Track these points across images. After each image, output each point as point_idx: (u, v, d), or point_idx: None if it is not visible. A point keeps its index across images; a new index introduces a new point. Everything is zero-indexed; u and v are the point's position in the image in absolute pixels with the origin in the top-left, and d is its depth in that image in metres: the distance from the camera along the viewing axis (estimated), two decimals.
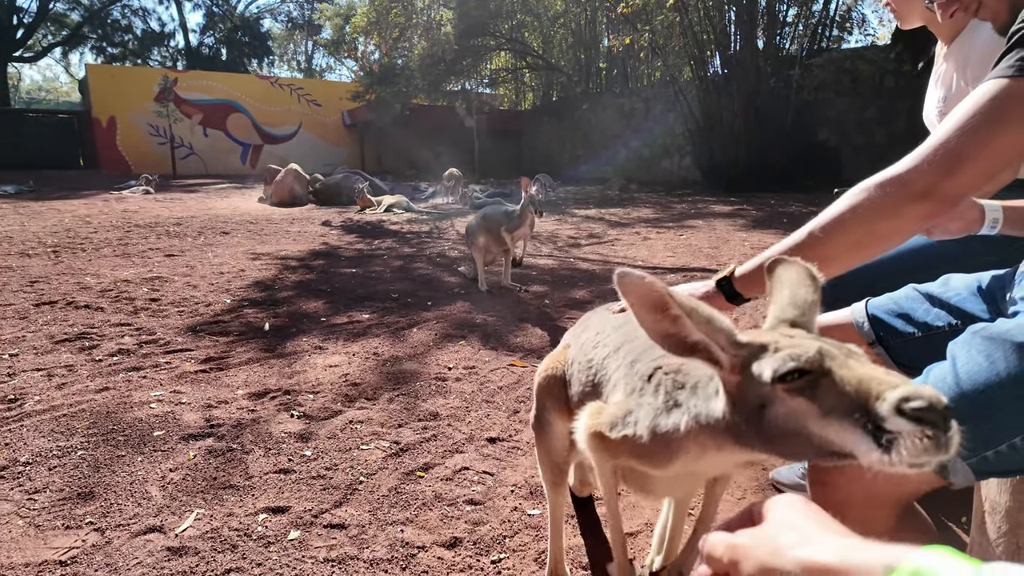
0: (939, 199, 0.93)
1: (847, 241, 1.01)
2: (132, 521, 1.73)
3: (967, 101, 0.93)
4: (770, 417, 0.68)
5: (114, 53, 32.77)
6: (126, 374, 2.84)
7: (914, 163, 0.94)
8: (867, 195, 0.98)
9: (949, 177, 0.91)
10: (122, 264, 5.49)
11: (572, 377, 1.27)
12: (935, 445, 0.58)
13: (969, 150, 0.90)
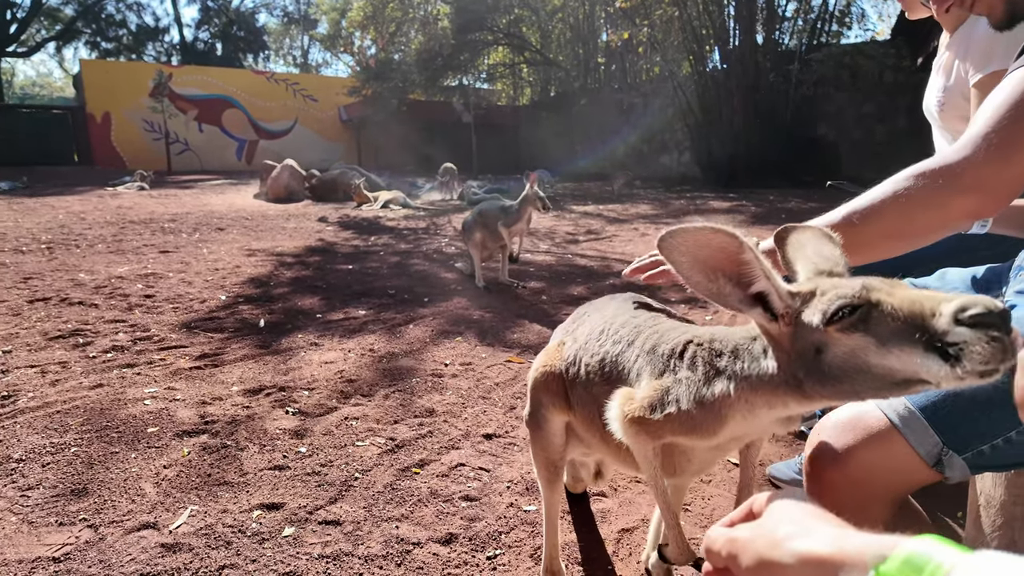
0: (992, 192, 0.89)
1: (884, 229, 0.97)
2: (126, 518, 1.72)
3: (1006, 88, 0.89)
4: (828, 360, 0.69)
5: (108, 48, 32.59)
6: (120, 371, 2.83)
7: (965, 153, 0.89)
8: (911, 184, 0.93)
9: (1004, 168, 0.86)
10: (117, 260, 5.46)
11: (576, 373, 1.24)
12: (1002, 348, 0.57)
13: (1017, 143, 0.86)
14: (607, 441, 1.12)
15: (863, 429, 0.93)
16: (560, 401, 1.29)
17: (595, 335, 1.23)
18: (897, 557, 0.40)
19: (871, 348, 0.65)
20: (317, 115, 25.80)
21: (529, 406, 1.37)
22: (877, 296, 0.65)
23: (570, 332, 1.35)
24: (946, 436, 0.88)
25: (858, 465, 0.92)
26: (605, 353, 1.17)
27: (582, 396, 1.23)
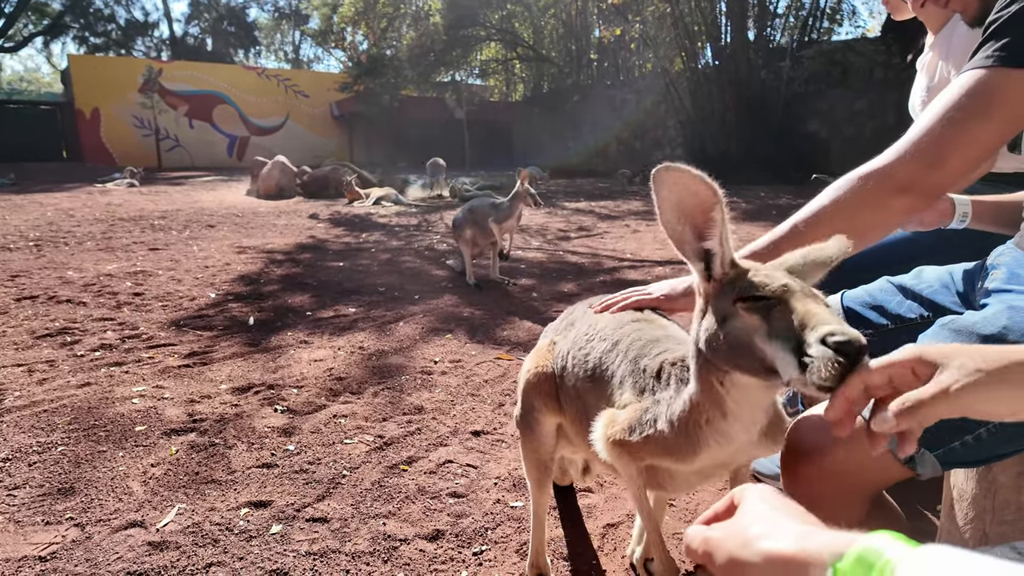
0: (923, 192, 0.93)
1: (828, 233, 0.98)
2: (113, 516, 1.72)
3: (947, 92, 0.93)
4: (727, 329, 0.79)
5: (97, 43, 32.30)
6: (108, 369, 2.82)
7: (897, 155, 0.93)
8: (850, 187, 0.97)
9: (933, 170, 0.91)
10: (105, 258, 5.43)
11: (564, 372, 1.25)
12: (840, 374, 0.66)
13: (952, 142, 0.90)
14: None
15: None
16: (552, 403, 1.29)
17: (583, 333, 1.25)
18: (851, 554, 0.42)
19: (759, 332, 0.75)
20: (308, 111, 25.69)
21: (520, 408, 1.36)
22: (787, 297, 0.75)
23: (561, 332, 1.36)
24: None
25: (832, 461, 0.94)
26: (591, 350, 1.19)
27: (570, 394, 1.24)
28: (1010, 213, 1.36)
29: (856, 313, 1.39)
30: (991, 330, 0.92)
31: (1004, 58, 0.88)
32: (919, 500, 1.70)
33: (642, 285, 1.32)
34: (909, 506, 1.71)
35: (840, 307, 1.41)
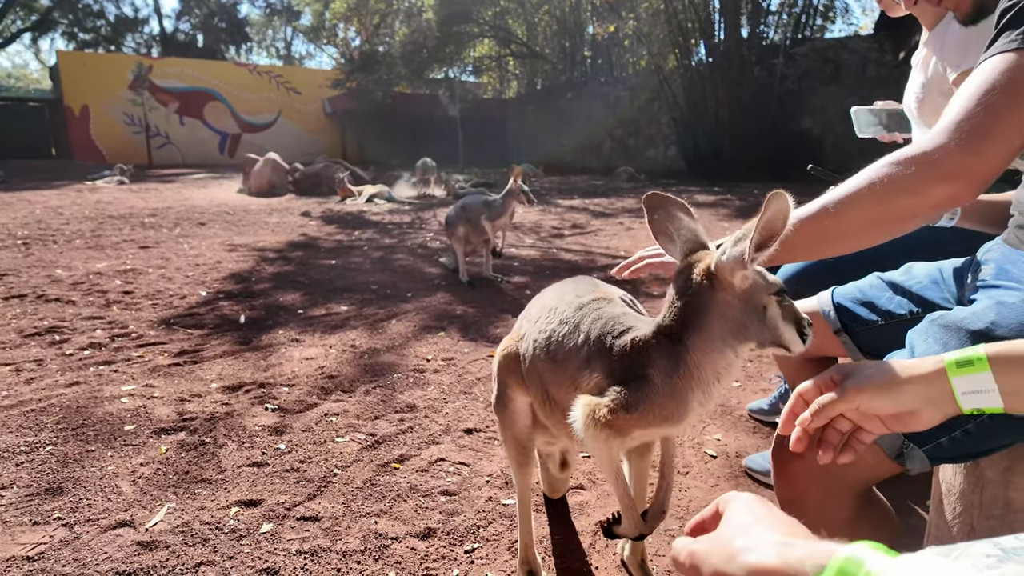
0: (967, 179, 0.89)
1: (859, 218, 0.97)
2: (101, 516, 1.71)
3: (978, 76, 0.90)
4: (769, 314, 0.98)
5: (86, 39, 31.96)
6: (97, 368, 2.79)
7: (940, 141, 0.89)
8: (887, 171, 0.93)
9: (978, 156, 0.87)
10: (95, 256, 5.38)
11: (527, 353, 1.28)
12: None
13: (995, 127, 0.86)
14: (561, 422, 1.18)
15: None
16: (521, 381, 1.32)
17: (544, 314, 1.28)
18: (833, 565, 0.43)
19: (780, 316, 0.99)
20: (301, 108, 25.54)
21: (495, 388, 1.40)
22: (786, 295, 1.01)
23: (524, 315, 1.40)
24: None
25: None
26: (552, 332, 1.22)
27: (532, 375, 1.27)
28: (998, 212, 1.36)
29: (847, 309, 1.39)
30: (979, 325, 0.93)
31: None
32: (910, 496, 1.71)
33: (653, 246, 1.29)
34: (900, 502, 1.72)
35: (831, 303, 1.42)
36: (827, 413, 0.77)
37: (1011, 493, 1.01)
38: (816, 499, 0.96)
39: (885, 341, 1.28)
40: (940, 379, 0.72)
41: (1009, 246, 1.07)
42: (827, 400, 0.77)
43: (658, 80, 15.94)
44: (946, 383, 0.71)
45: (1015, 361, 0.68)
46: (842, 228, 0.98)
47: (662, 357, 1.03)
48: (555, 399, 1.23)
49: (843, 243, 1.02)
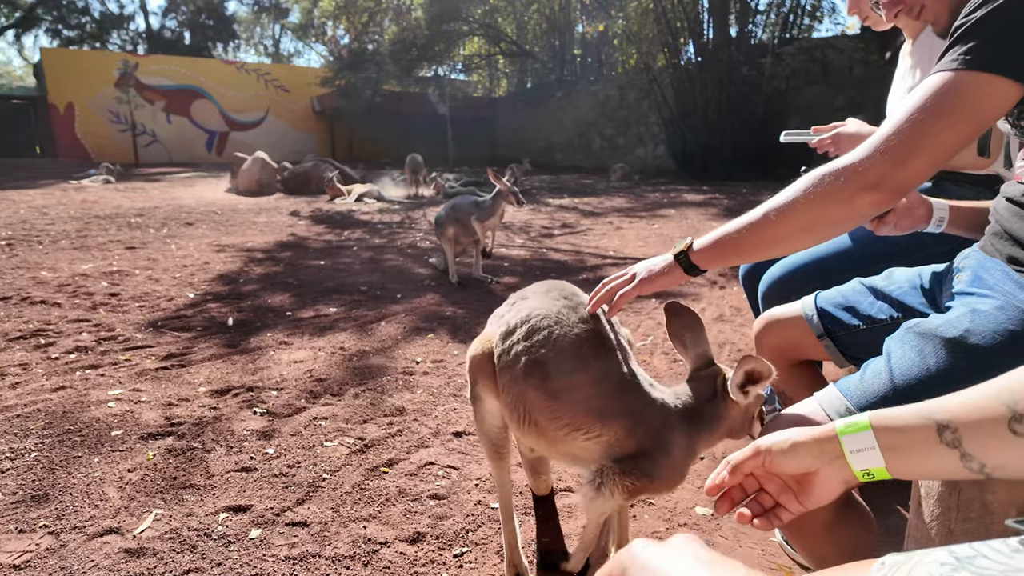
0: (889, 189, 0.95)
1: (797, 224, 1.04)
2: (88, 523, 1.70)
3: (915, 92, 0.95)
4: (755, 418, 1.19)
5: (71, 36, 31.57)
6: (83, 372, 2.77)
7: (867, 153, 0.96)
8: (821, 181, 1.00)
9: (900, 168, 0.93)
10: (81, 257, 5.33)
11: (506, 362, 1.29)
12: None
13: (918, 142, 0.92)
14: (534, 434, 1.28)
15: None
16: (494, 386, 1.34)
17: (533, 330, 1.27)
18: None
19: (757, 416, 1.20)
20: (289, 106, 25.40)
21: (469, 384, 1.41)
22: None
23: (502, 316, 1.40)
24: None
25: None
26: (548, 360, 1.23)
27: (509, 386, 1.29)
28: (983, 219, 1.39)
29: (829, 314, 1.41)
30: (953, 333, 0.95)
31: (969, 61, 0.91)
32: (893, 498, 1.74)
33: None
34: (881, 503, 1.75)
35: (814, 308, 1.44)
36: (739, 470, 0.82)
37: (987, 496, 1.03)
38: None
39: (866, 345, 1.31)
40: (832, 439, 0.77)
41: (985, 254, 1.10)
42: (738, 458, 0.83)
43: (647, 79, 16.00)
44: (836, 442, 0.77)
45: (895, 424, 0.74)
46: (782, 233, 1.05)
47: (683, 437, 1.19)
48: (536, 421, 1.26)
49: (783, 246, 1.08)
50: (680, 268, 1.18)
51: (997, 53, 0.89)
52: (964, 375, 0.91)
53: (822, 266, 1.79)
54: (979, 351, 0.91)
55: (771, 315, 1.53)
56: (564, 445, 1.26)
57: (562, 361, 1.22)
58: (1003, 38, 0.89)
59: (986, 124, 0.93)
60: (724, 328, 3.48)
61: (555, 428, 1.23)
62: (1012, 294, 0.96)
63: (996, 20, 0.90)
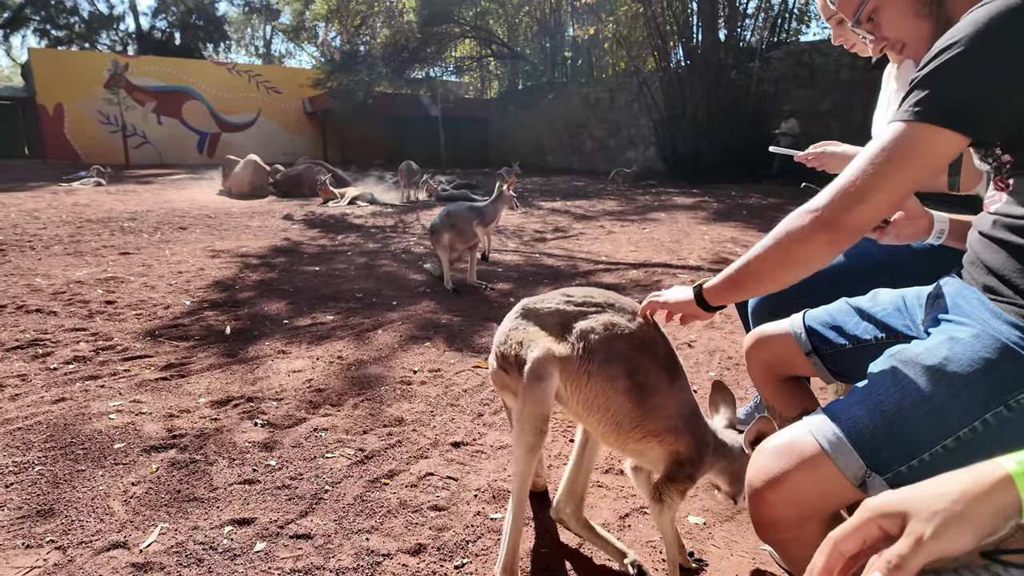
0: (843, 229, 1.04)
1: (773, 260, 1.13)
2: (95, 538, 1.73)
3: (876, 139, 1.03)
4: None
5: (59, 36, 31.29)
6: (83, 383, 2.79)
7: (826, 196, 1.05)
8: (790, 221, 1.09)
9: (851, 211, 1.02)
10: (74, 263, 5.33)
11: (590, 369, 1.43)
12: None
13: (870, 187, 1.00)
14: (610, 429, 1.47)
15: (797, 454, 1.02)
16: (569, 375, 1.45)
17: (624, 344, 1.45)
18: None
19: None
20: (281, 107, 25.33)
21: (531, 361, 1.42)
22: None
23: (578, 314, 1.49)
24: (869, 459, 0.98)
25: (792, 487, 1.01)
26: (644, 378, 1.45)
27: (595, 386, 1.44)
28: None
29: (817, 332, 1.47)
30: (933, 361, 1.00)
31: (919, 113, 0.97)
32: None
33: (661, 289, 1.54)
34: None
35: (802, 326, 1.49)
36: (909, 572, 0.60)
37: None
38: (789, 523, 1.03)
39: (852, 364, 1.36)
40: (1006, 488, 0.60)
41: (963, 281, 1.15)
42: (901, 555, 0.60)
43: (637, 82, 16.10)
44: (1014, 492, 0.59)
45: None
46: (764, 268, 1.15)
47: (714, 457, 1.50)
48: (619, 423, 1.46)
49: (768, 281, 1.18)
50: (695, 304, 1.35)
51: (943, 106, 0.96)
52: (943, 401, 0.97)
53: (808, 284, 1.83)
54: (957, 378, 0.97)
55: (761, 331, 1.58)
56: (635, 445, 1.48)
57: (660, 384, 1.45)
58: (949, 91, 0.96)
59: (934, 172, 1.01)
60: (715, 335, 3.54)
61: (636, 432, 1.45)
62: (987, 322, 1.01)
63: (944, 73, 0.96)
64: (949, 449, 0.96)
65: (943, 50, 0.97)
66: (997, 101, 0.95)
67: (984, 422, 0.95)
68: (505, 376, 1.51)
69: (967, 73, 0.94)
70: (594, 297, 1.53)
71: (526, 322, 1.52)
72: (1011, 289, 1.00)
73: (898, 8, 1.22)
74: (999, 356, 0.96)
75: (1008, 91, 0.94)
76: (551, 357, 1.43)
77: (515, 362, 1.47)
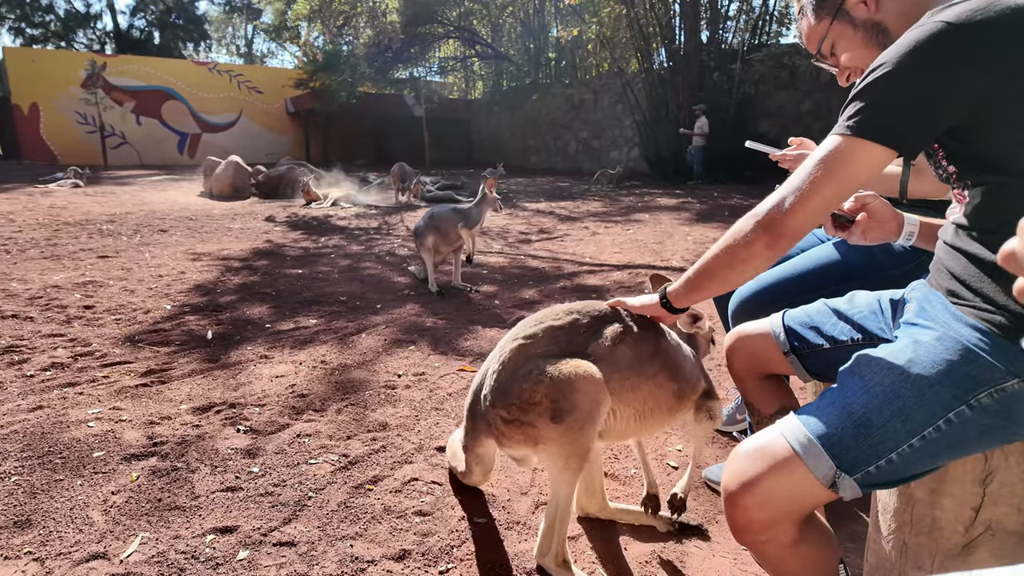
0: (778, 233, 1.11)
1: (721, 263, 1.21)
2: (74, 549, 1.70)
3: (816, 150, 1.10)
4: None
5: (34, 35, 30.73)
6: (61, 390, 2.75)
7: (768, 202, 1.12)
8: (738, 225, 1.17)
9: (787, 216, 1.09)
10: (51, 267, 5.24)
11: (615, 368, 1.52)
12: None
13: (806, 194, 1.07)
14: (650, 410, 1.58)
15: (770, 457, 1.04)
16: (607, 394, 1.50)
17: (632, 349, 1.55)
18: None
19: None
20: (263, 107, 25.09)
21: (577, 413, 1.45)
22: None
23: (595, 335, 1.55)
24: (839, 460, 1.00)
25: (765, 489, 1.03)
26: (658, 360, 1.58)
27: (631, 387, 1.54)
28: None
29: (795, 332, 1.49)
30: (898, 363, 1.04)
31: (850, 127, 1.04)
32: (856, 504, 1.83)
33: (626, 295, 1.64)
34: (848, 508, 1.84)
35: (782, 326, 1.52)
36: None
37: (936, 512, 1.12)
38: (763, 525, 1.05)
39: (829, 363, 1.39)
40: None
41: (929, 286, 1.19)
42: None
43: (621, 83, 16.19)
44: None
45: None
46: (712, 271, 1.24)
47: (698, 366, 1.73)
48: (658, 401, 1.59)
49: (720, 283, 1.27)
50: (664, 309, 1.46)
51: (872, 122, 1.02)
52: (908, 402, 1.00)
53: (786, 286, 1.88)
54: (921, 380, 1.00)
55: (741, 331, 1.60)
56: (676, 416, 1.65)
57: (676, 353, 1.61)
58: (879, 106, 1.02)
59: (861, 183, 1.08)
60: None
61: (679, 406, 1.62)
62: (949, 325, 1.05)
63: (875, 89, 1.03)
64: (915, 448, 0.99)
65: (874, 69, 1.03)
66: (920, 118, 1.01)
67: (948, 421, 0.98)
68: (523, 430, 1.49)
69: (892, 91, 1.01)
70: (573, 314, 1.58)
71: (540, 361, 1.49)
72: (971, 292, 1.04)
73: (850, 40, 1.32)
74: (960, 358, 1.00)
75: (929, 108, 1.00)
76: (600, 384, 1.47)
77: (543, 408, 1.46)
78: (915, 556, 1.15)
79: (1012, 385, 0.96)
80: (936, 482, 1.11)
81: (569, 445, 1.47)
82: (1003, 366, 0.97)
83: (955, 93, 0.98)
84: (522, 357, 1.51)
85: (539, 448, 1.50)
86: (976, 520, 1.08)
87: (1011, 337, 0.98)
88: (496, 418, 1.52)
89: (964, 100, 0.98)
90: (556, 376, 1.45)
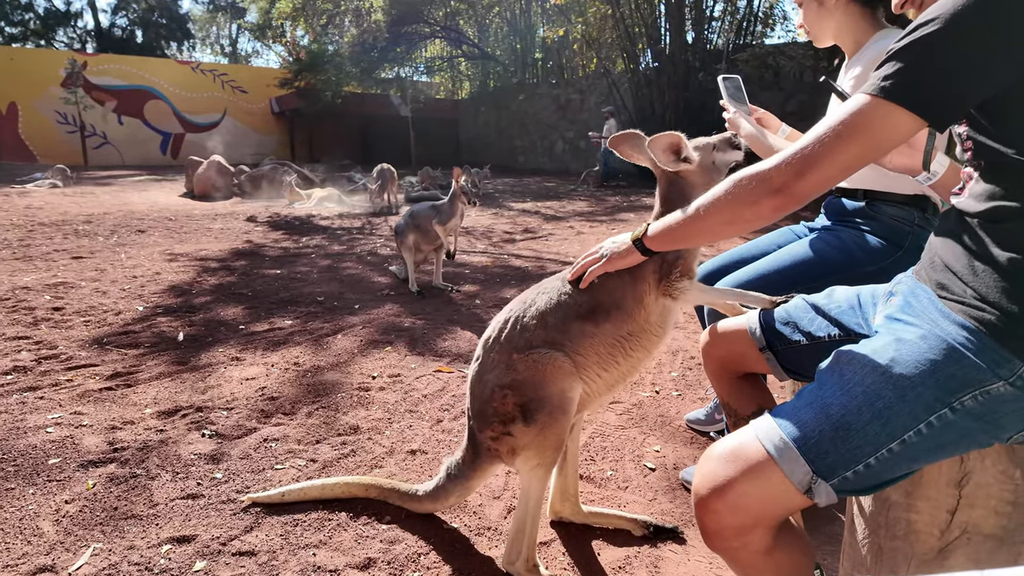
0: (789, 195, 1.03)
1: (719, 219, 1.16)
2: (20, 562, 1.62)
3: (835, 110, 1.01)
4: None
5: (13, 33, 30.22)
6: (20, 395, 2.65)
7: (777, 161, 1.04)
8: (739, 183, 1.10)
9: (799, 179, 1.01)
10: (22, 268, 5.11)
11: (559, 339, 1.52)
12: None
13: (820, 157, 0.99)
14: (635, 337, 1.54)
15: (743, 460, 0.99)
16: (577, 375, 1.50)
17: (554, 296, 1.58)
18: None
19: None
20: (247, 107, 24.79)
21: (544, 403, 1.46)
22: None
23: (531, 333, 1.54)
24: (815, 465, 0.95)
25: (738, 494, 0.98)
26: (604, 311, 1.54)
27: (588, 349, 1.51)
28: None
29: (772, 328, 1.45)
30: (879, 362, 0.98)
31: (884, 89, 0.94)
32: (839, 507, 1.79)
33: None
34: (826, 510, 1.80)
35: (758, 322, 1.47)
36: None
37: (911, 515, 1.08)
38: (735, 531, 1.00)
39: (806, 360, 1.35)
40: None
41: (917, 280, 1.13)
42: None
43: (607, 83, 16.20)
44: None
45: None
46: (706, 225, 1.19)
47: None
48: (630, 330, 1.53)
49: (710, 235, 1.24)
50: (637, 251, 1.42)
51: (907, 86, 0.92)
52: (889, 404, 0.95)
53: (764, 282, 1.84)
54: (903, 380, 0.94)
55: (717, 328, 1.56)
56: (625, 347, 1.54)
57: (622, 285, 1.52)
58: (915, 70, 0.92)
59: (883, 151, 0.99)
60: (678, 335, 3.53)
61: (642, 313, 1.52)
62: (935, 322, 0.99)
63: (914, 51, 0.92)
64: (894, 452, 0.94)
65: (921, 24, 0.92)
66: (963, 87, 0.91)
67: (929, 424, 0.93)
68: (506, 441, 1.50)
69: (939, 54, 0.90)
70: (512, 310, 1.60)
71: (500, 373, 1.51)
72: (963, 286, 0.98)
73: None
74: (944, 358, 0.94)
75: (975, 78, 0.90)
76: (563, 369, 1.46)
77: (515, 415, 1.47)
78: (890, 560, 1.10)
79: (997, 387, 0.90)
80: (911, 485, 1.06)
81: (544, 440, 1.46)
82: (989, 367, 0.91)
83: (1004, 66, 0.88)
84: (480, 382, 1.55)
85: (528, 452, 1.50)
86: (952, 523, 1.04)
87: (999, 337, 0.92)
88: (487, 440, 1.54)
89: (1009, 75, 0.89)
90: (518, 381, 1.47)
